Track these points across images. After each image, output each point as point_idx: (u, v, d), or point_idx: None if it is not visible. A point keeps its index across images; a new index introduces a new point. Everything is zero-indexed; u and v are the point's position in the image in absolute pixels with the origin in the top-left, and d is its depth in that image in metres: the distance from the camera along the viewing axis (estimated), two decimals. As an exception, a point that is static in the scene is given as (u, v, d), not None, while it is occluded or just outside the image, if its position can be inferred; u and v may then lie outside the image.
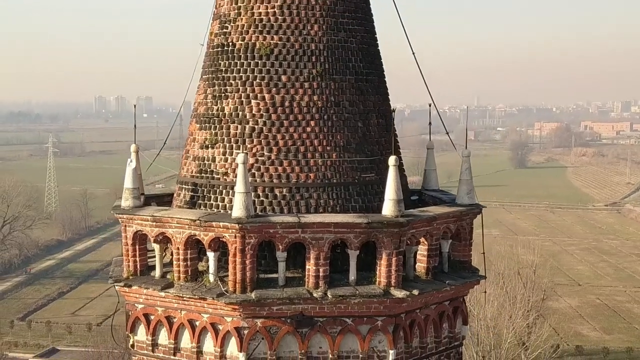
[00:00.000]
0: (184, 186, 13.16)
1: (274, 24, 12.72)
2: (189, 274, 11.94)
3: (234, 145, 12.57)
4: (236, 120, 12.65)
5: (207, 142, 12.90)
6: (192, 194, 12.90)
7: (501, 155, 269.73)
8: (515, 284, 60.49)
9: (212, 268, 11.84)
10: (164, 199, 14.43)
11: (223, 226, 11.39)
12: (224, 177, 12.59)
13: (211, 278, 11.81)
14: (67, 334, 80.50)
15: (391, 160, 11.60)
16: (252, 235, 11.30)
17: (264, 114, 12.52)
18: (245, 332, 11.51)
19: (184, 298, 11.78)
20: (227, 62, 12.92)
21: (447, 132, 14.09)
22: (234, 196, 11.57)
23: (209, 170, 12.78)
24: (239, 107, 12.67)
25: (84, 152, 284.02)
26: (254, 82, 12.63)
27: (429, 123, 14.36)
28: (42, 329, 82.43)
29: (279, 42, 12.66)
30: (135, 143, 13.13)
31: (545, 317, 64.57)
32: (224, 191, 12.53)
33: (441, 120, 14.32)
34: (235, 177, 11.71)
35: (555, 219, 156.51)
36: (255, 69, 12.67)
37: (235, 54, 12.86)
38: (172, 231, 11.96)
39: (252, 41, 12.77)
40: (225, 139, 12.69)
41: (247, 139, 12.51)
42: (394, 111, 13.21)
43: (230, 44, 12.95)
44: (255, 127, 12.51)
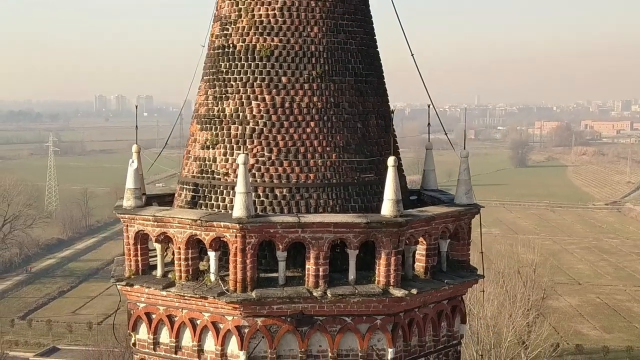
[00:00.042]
0: (185, 186, 13.24)
1: (274, 26, 12.80)
2: (190, 273, 12.02)
3: (235, 146, 12.65)
4: (237, 121, 12.73)
5: (208, 143, 12.98)
6: (193, 194, 12.98)
7: (501, 154, 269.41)
8: (515, 283, 60.49)
9: (213, 267, 11.92)
10: (165, 199, 14.48)
11: (224, 226, 11.47)
12: (225, 178, 12.67)
13: (212, 277, 11.89)
14: (67, 332, 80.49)
15: (390, 160, 11.67)
16: (252, 235, 11.38)
17: (265, 114, 12.60)
18: (246, 330, 11.59)
19: (185, 297, 11.87)
20: (227, 63, 13.00)
21: (446, 132, 14.19)
22: (234, 196, 11.66)
23: (209, 170, 12.87)
24: (240, 108, 12.75)
25: (84, 151, 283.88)
26: (255, 84, 12.71)
27: (428, 124, 14.45)
28: (43, 327, 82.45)
29: (279, 44, 12.74)
30: (137, 143, 13.18)
31: (545, 316, 64.57)
32: (225, 191, 12.61)
33: (440, 120, 14.39)
34: (236, 178, 11.80)
35: (556, 218, 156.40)
36: (256, 70, 12.75)
37: (235, 56, 12.94)
38: (174, 231, 12.05)
39: (253, 43, 12.85)
40: (226, 139, 12.78)
41: (247, 140, 12.59)
42: (393, 112, 13.32)
43: (231, 45, 13.03)
44: (256, 127, 12.59)
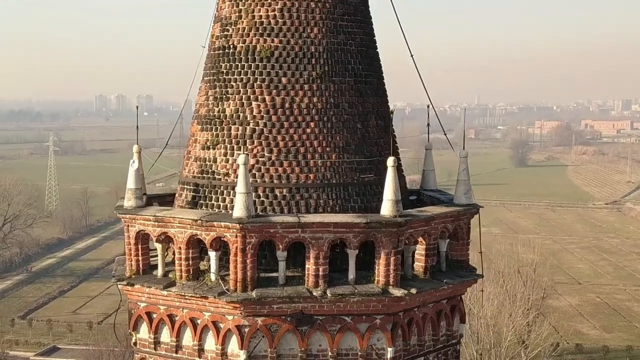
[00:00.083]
0: (185, 186, 13.30)
1: (275, 27, 12.85)
2: (191, 273, 12.07)
3: (235, 146, 12.70)
4: (237, 121, 12.79)
5: (208, 143, 13.03)
6: (194, 194, 13.04)
7: (502, 153, 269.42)
8: (515, 283, 60.59)
9: (213, 267, 11.97)
10: (166, 199, 14.53)
11: (224, 226, 11.52)
12: (225, 178, 12.72)
13: (212, 277, 11.94)
14: (68, 332, 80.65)
15: (390, 161, 11.71)
16: (252, 234, 11.43)
17: (265, 115, 12.65)
18: (246, 330, 11.64)
19: (186, 297, 11.92)
20: (228, 64, 13.06)
21: (445, 133, 14.25)
22: (235, 196, 11.71)
23: (210, 170, 12.92)
24: (240, 108, 12.80)
25: (84, 151, 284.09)
26: (255, 84, 12.77)
27: (427, 124, 14.51)
28: (43, 327, 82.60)
29: (279, 45, 12.79)
30: (137, 144, 13.22)
31: (545, 315, 64.65)
32: (225, 191, 12.67)
33: (439, 121, 14.43)
34: (236, 178, 11.85)
35: (556, 218, 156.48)
36: (256, 71, 12.80)
37: (236, 56, 12.99)
38: (174, 231, 12.10)
39: (253, 44, 12.90)
40: (227, 140, 12.83)
41: (247, 140, 12.64)
42: (393, 112, 13.37)
43: (231, 46, 13.08)
44: (256, 128, 12.64)
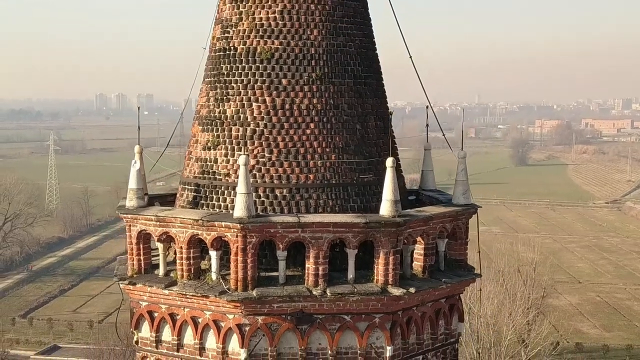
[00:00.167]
0: (186, 187, 13.41)
1: (275, 29, 12.95)
2: (192, 272, 12.19)
3: (236, 147, 12.81)
4: (238, 122, 12.89)
5: (209, 144, 13.14)
6: (195, 194, 13.15)
7: (502, 152, 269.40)
8: (515, 282, 60.68)
9: (214, 266, 12.09)
10: (167, 199, 14.66)
11: (225, 226, 11.63)
12: (226, 178, 12.83)
13: (213, 276, 12.05)
14: (68, 331, 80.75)
15: (388, 161, 11.82)
16: (253, 234, 11.54)
17: (265, 116, 12.76)
18: (247, 328, 11.76)
19: (187, 296, 12.03)
20: (228, 65, 13.17)
21: (444, 134, 14.35)
22: (235, 196, 11.81)
23: (211, 171, 13.03)
24: (241, 109, 12.91)
25: (84, 150, 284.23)
26: (255, 86, 12.88)
27: (426, 125, 14.61)
28: (44, 326, 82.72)
29: (280, 47, 12.90)
30: (139, 144, 13.34)
31: (545, 314, 64.72)
32: (226, 192, 12.78)
33: (437, 121, 14.54)
34: (237, 178, 11.95)
35: (556, 217, 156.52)
36: (257, 72, 12.91)
37: (236, 58, 13.10)
38: (176, 230, 12.22)
39: (253, 45, 13.01)
40: (227, 140, 12.94)
41: (248, 141, 12.75)
42: (392, 114, 13.49)
43: (232, 48, 13.19)
44: (257, 129, 12.75)
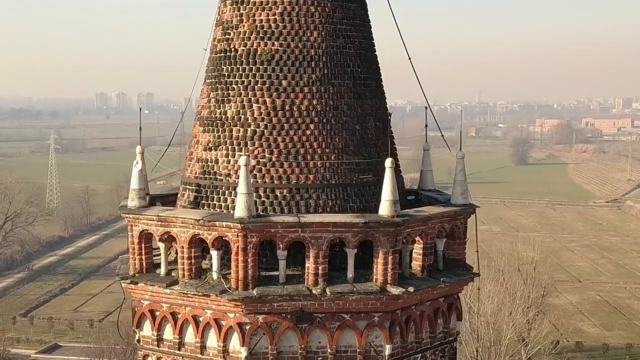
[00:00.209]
0: (187, 187, 13.52)
1: (275, 31, 13.07)
2: (193, 271, 12.30)
3: (236, 148, 12.92)
4: (238, 123, 13.01)
5: (210, 145, 13.26)
6: (196, 194, 13.26)
7: (502, 151, 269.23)
8: (516, 281, 60.78)
9: (215, 266, 12.21)
10: (169, 199, 14.79)
11: (226, 226, 11.74)
12: (227, 179, 12.95)
13: (214, 275, 12.17)
14: (69, 330, 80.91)
15: (387, 162, 11.94)
16: (253, 234, 11.65)
17: (265, 117, 12.88)
18: (247, 327, 11.87)
19: (188, 295, 12.15)
20: (229, 67, 13.28)
21: (443, 134, 14.46)
22: (236, 197, 11.94)
23: (212, 171, 13.15)
24: (241, 110, 13.02)
25: (85, 149, 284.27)
26: (256, 87, 12.99)
27: (425, 125, 14.73)
28: (44, 325, 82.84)
29: (280, 48, 13.01)
30: (140, 144, 13.44)
31: (545, 313, 64.75)
32: (227, 192, 12.89)
33: (436, 122, 14.66)
34: (238, 179, 12.05)
35: (556, 216, 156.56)
36: (257, 74, 13.02)
37: (237, 60, 13.21)
38: (177, 230, 12.33)
39: (254, 47, 13.12)
40: (228, 141, 13.05)
41: (248, 142, 12.86)
42: (391, 115, 13.62)
43: (233, 49, 13.30)
44: (257, 130, 12.86)
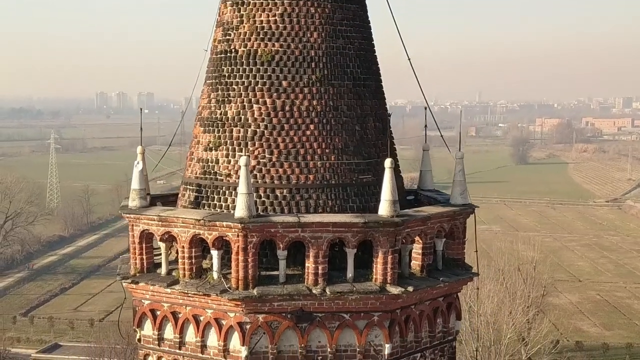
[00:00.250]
0: (188, 187, 13.58)
1: (275, 32, 13.12)
2: (194, 271, 12.36)
3: (237, 148, 12.98)
4: (239, 123, 13.07)
5: (210, 145, 13.31)
6: (197, 194, 13.32)
7: (502, 151, 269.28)
8: (516, 280, 60.86)
9: (215, 265, 12.26)
10: (169, 199, 14.84)
11: (226, 226, 11.81)
12: (227, 179, 13.00)
13: (215, 275, 12.23)
14: (69, 329, 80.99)
15: (387, 162, 12.00)
16: (254, 234, 11.71)
17: (265, 117, 12.93)
18: (248, 326, 11.93)
19: (189, 294, 12.21)
20: (229, 67, 13.33)
21: (442, 134, 14.52)
22: (236, 197, 12.01)
23: (212, 171, 13.20)
24: (242, 111, 13.08)
25: (85, 148, 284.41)
26: (256, 87, 13.04)
27: (424, 126, 14.79)
28: (45, 324, 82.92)
29: (280, 49, 13.07)
30: (141, 144, 13.50)
31: (545, 312, 64.84)
32: (227, 192, 12.95)
33: (435, 122, 14.72)
34: (238, 179, 12.10)
35: (556, 215, 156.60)
36: (257, 74, 13.08)
37: (237, 60, 13.26)
38: (178, 230, 12.39)
39: (254, 48, 13.18)
40: (228, 141, 13.10)
41: (249, 142, 12.92)
42: (390, 115, 13.69)
43: (233, 50, 13.36)
44: (257, 130, 12.92)
